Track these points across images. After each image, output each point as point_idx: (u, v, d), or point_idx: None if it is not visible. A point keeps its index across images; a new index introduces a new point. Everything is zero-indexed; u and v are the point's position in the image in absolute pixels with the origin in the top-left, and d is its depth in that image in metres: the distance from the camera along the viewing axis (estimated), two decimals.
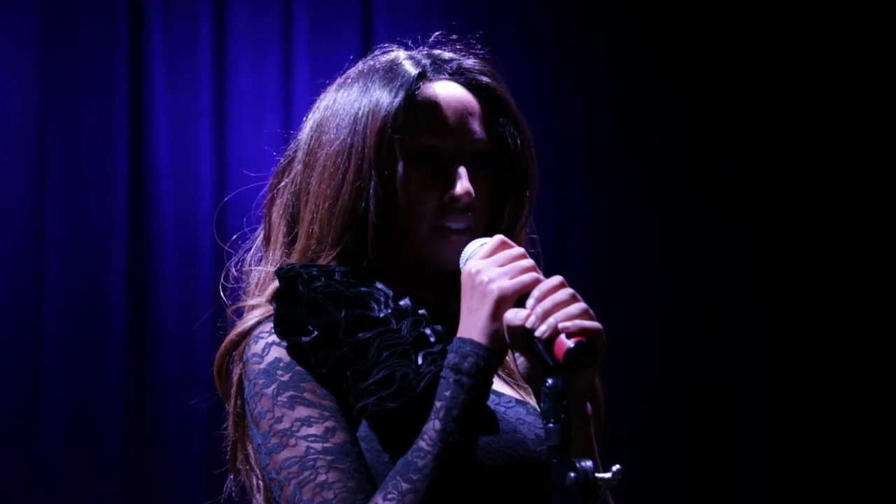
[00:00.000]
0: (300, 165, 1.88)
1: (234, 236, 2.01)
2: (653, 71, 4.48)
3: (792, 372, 4.44)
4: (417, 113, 1.84)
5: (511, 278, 1.68)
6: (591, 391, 1.76)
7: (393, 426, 1.69)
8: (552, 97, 4.40)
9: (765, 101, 4.49)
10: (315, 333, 1.72)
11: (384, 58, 1.91)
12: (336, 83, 1.92)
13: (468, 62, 1.91)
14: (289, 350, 1.74)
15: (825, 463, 4.39)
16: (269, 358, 1.74)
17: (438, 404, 1.65)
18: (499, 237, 1.74)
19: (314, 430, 1.69)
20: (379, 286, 1.79)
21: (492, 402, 1.75)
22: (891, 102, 4.48)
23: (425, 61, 1.89)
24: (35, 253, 3.91)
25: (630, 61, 4.47)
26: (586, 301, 1.66)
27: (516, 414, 1.81)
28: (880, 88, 4.49)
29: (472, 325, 1.68)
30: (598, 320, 1.65)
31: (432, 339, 1.73)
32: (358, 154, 1.82)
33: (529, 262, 1.71)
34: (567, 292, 1.65)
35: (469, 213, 1.83)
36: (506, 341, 1.68)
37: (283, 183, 1.91)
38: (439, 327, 1.75)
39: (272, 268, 1.85)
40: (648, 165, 4.47)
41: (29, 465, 3.85)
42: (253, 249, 1.96)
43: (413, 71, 1.86)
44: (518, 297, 1.67)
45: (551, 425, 1.59)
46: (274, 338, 1.75)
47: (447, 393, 1.65)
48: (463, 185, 1.82)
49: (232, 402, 1.83)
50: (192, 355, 3.87)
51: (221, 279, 1.97)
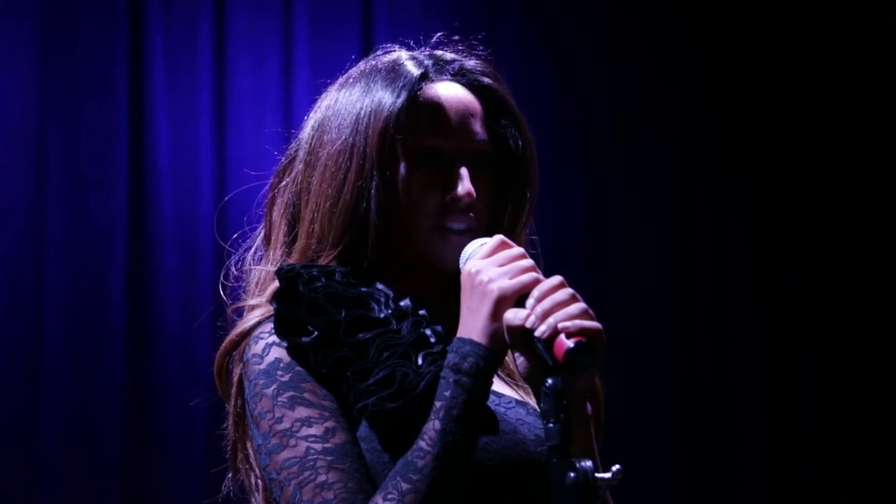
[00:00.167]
0: (301, 165, 1.88)
1: (235, 235, 2.01)
2: (653, 71, 4.48)
3: (792, 372, 4.44)
4: (419, 113, 1.84)
5: (511, 278, 1.68)
6: (591, 391, 1.76)
7: (393, 426, 1.69)
8: (552, 97, 4.40)
9: (765, 101, 4.48)
10: (315, 334, 1.72)
11: (386, 58, 1.91)
12: (338, 83, 1.91)
13: (470, 63, 1.91)
14: (289, 350, 1.73)
15: (825, 463, 4.39)
16: (270, 358, 1.74)
17: (438, 404, 1.65)
18: (499, 237, 1.74)
19: (314, 431, 1.69)
20: (379, 286, 1.79)
21: (492, 403, 1.75)
22: (891, 102, 4.48)
23: (427, 62, 1.89)
24: (35, 253, 3.91)
25: (630, 61, 4.47)
26: (586, 301, 1.66)
27: (516, 414, 1.81)
28: (880, 88, 4.48)
29: (472, 325, 1.68)
30: (598, 320, 1.65)
31: (432, 340, 1.73)
32: (360, 154, 1.82)
33: (529, 262, 1.71)
34: (567, 292, 1.65)
35: (470, 214, 1.83)
36: (506, 341, 1.68)
37: (284, 182, 1.91)
38: (439, 328, 1.75)
39: (272, 267, 1.85)
40: (648, 165, 4.46)
41: (29, 465, 3.85)
42: (253, 249, 1.95)
43: (415, 71, 1.86)
44: (518, 297, 1.67)
45: (551, 425, 1.59)
46: (274, 338, 1.75)
47: (447, 393, 1.65)
48: (464, 186, 1.82)
49: (232, 402, 1.83)
50: (192, 355, 3.87)
51: (221, 278, 1.96)
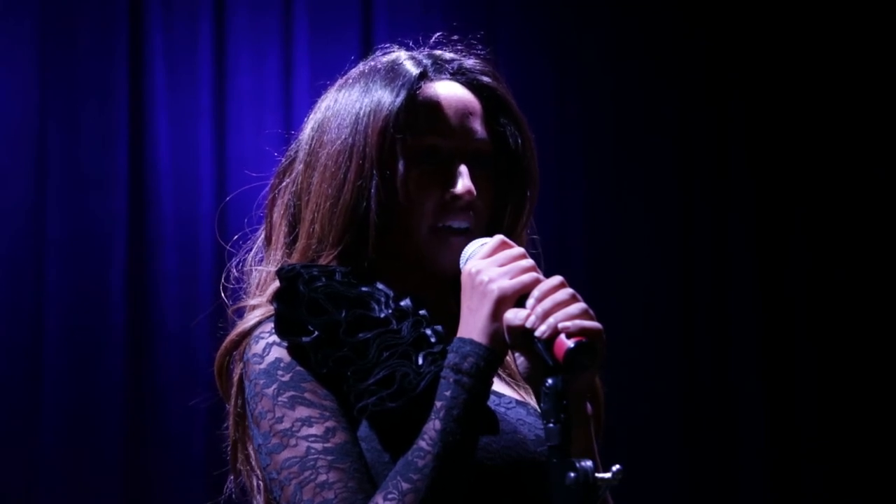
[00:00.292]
0: (301, 165, 1.88)
1: (235, 237, 2.01)
2: (653, 71, 4.48)
3: (792, 372, 4.44)
4: (419, 112, 1.84)
5: (511, 278, 1.68)
6: (591, 391, 1.76)
7: (393, 426, 1.69)
8: (552, 97, 4.40)
9: (765, 101, 4.48)
10: (315, 333, 1.72)
11: (385, 58, 1.91)
12: (337, 84, 1.92)
13: (469, 62, 1.91)
14: (289, 350, 1.73)
15: (825, 463, 4.39)
16: (270, 358, 1.74)
17: (439, 404, 1.65)
18: (499, 237, 1.74)
19: (315, 431, 1.69)
20: (380, 286, 1.79)
21: (492, 403, 1.75)
22: (891, 102, 4.48)
23: (426, 61, 1.89)
24: (35, 253, 3.91)
25: (630, 61, 4.47)
26: (586, 301, 1.66)
27: (516, 415, 1.81)
28: (880, 88, 4.48)
29: (472, 325, 1.68)
30: (598, 320, 1.65)
31: (433, 340, 1.73)
32: (359, 153, 1.82)
33: (529, 262, 1.71)
34: (567, 292, 1.65)
35: (470, 212, 1.83)
36: (506, 341, 1.68)
37: (285, 183, 1.91)
38: (440, 328, 1.75)
39: (273, 268, 1.85)
40: (648, 165, 4.46)
41: (29, 465, 3.85)
42: (254, 250, 1.96)
43: (414, 71, 1.86)
44: (518, 297, 1.67)
45: (551, 425, 1.59)
46: (274, 338, 1.75)
47: (447, 393, 1.65)
48: (464, 184, 1.82)
49: (232, 402, 1.83)
50: (192, 355, 3.87)
51: (222, 280, 1.97)
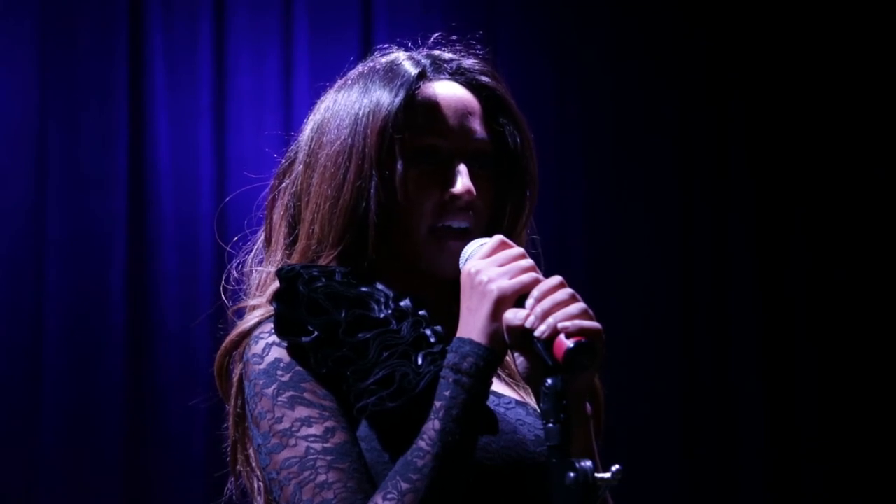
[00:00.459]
0: (301, 166, 1.88)
1: (236, 238, 2.01)
2: (653, 71, 4.48)
3: (792, 372, 4.44)
4: (418, 112, 1.84)
5: (511, 278, 1.68)
6: (591, 391, 1.76)
7: (393, 426, 1.69)
8: (552, 97, 4.40)
9: (765, 101, 4.48)
10: (315, 334, 1.72)
11: (384, 59, 1.91)
12: (336, 85, 1.92)
13: (468, 62, 1.91)
14: (289, 350, 1.73)
15: (825, 463, 4.39)
16: (270, 358, 1.74)
17: (438, 404, 1.65)
18: (498, 237, 1.74)
19: (314, 431, 1.69)
20: (379, 287, 1.79)
21: (491, 403, 1.75)
22: (891, 102, 4.48)
23: (425, 61, 1.89)
24: (35, 253, 3.91)
25: (630, 61, 4.47)
26: (586, 301, 1.66)
27: (516, 415, 1.81)
28: (880, 88, 4.48)
29: (472, 325, 1.68)
30: (598, 320, 1.65)
31: (432, 340, 1.73)
32: (359, 154, 1.82)
33: (529, 262, 1.71)
34: (566, 292, 1.65)
35: (469, 212, 1.83)
36: (505, 341, 1.67)
37: (284, 184, 1.91)
38: (439, 328, 1.75)
39: (273, 268, 1.85)
40: (648, 165, 4.46)
41: (29, 465, 3.85)
42: (254, 251, 1.96)
43: (413, 71, 1.86)
44: (518, 298, 1.67)
45: (551, 425, 1.59)
46: (274, 338, 1.75)
47: (447, 393, 1.65)
48: (463, 183, 1.82)
49: (232, 403, 1.83)
50: (192, 355, 3.87)
51: (223, 281, 1.97)
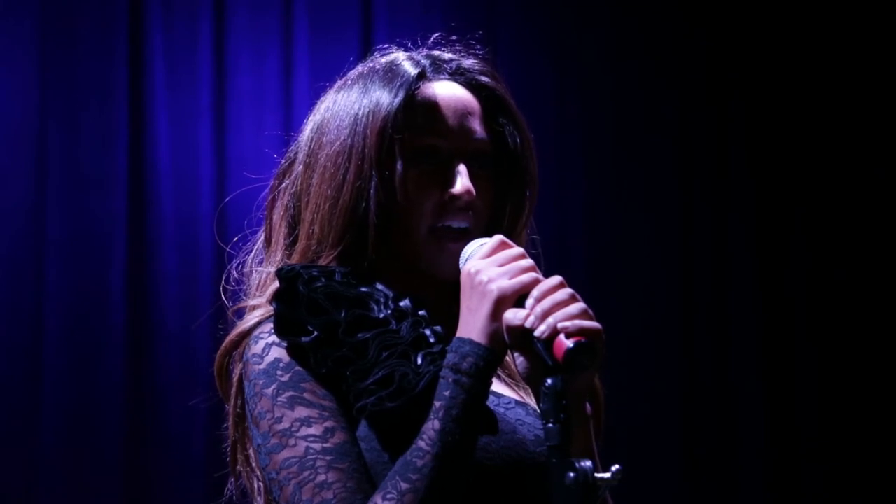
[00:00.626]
0: (301, 167, 1.88)
1: (236, 238, 2.01)
2: (653, 71, 4.48)
3: (792, 372, 4.44)
4: (417, 112, 1.84)
5: (510, 278, 1.68)
6: (591, 391, 1.76)
7: (392, 426, 1.69)
8: (552, 97, 4.40)
9: (765, 101, 4.48)
10: (315, 334, 1.72)
11: (383, 59, 1.91)
12: (336, 85, 1.92)
13: (468, 62, 1.91)
14: (289, 350, 1.73)
15: (825, 463, 4.39)
16: (269, 358, 1.74)
17: (437, 404, 1.65)
18: (498, 237, 1.74)
19: (314, 431, 1.69)
20: (379, 287, 1.79)
21: (491, 403, 1.75)
22: (891, 102, 4.48)
23: (425, 62, 1.89)
24: (35, 253, 3.91)
25: (630, 61, 4.47)
26: (586, 301, 1.66)
27: (516, 415, 1.80)
28: (880, 88, 4.48)
29: (472, 325, 1.68)
30: (598, 320, 1.65)
31: (432, 340, 1.73)
32: (358, 154, 1.82)
33: (529, 262, 1.71)
34: (566, 292, 1.65)
35: (469, 212, 1.83)
36: (505, 341, 1.67)
37: (284, 184, 1.91)
38: (439, 328, 1.75)
39: (273, 269, 1.85)
40: (648, 165, 4.46)
41: (29, 465, 3.85)
42: (254, 251, 1.96)
43: (413, 71, 1.86)
44: (518, 298, 1.67)
45: (551, 425, 1.59)
46: (274, 338, 1.75)
47: (446, 393, 1.65)
48: (463, 183, 1.82)
49: (232, 403, 1.83)
50: (192, 355, 3.87)
51: (223, 281, 1.97)
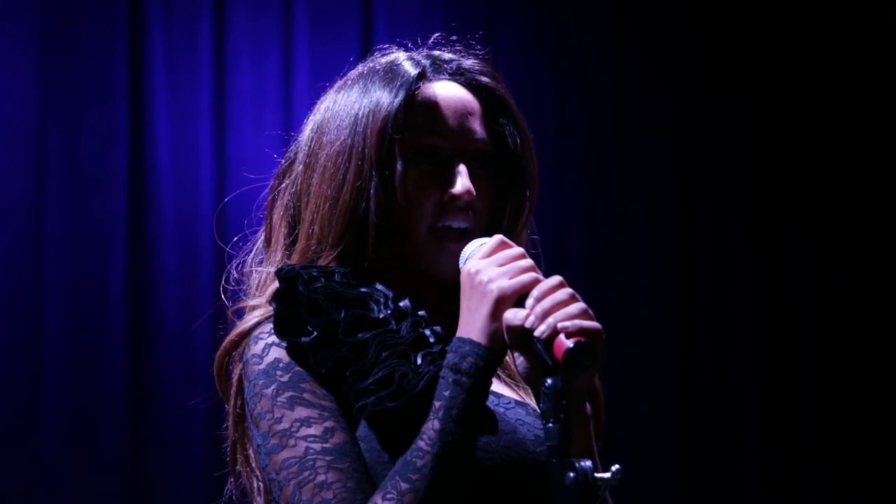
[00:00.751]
0: (301, 167, 1.88)
1: (235, 238, 2.01)
2: (653, 71, 4.48)
3: (792, 372, 4.44)
4: (417, 112, 1.84)
5: (510, 278, 1.68)
6: (591, 391, 1.76)
7: (392, 426, 1.69)
8: (552, 97, 4.40)
9: (765, 101, 4.48)
10: (315, 334, 1.72)
11: (384, 59, 1.91)
12: (336, 85, 1.92)
13: (468, 62, 1.91)
14: (288, 350, 1.73)
15: (825, 463, 4.39)
16: (269, 358, 1.74)
17: (437, 404, 1.65)
18: (498, 237, 1.74)
19: (313, 431, 1.69)
20: (379, 287, 1.79)
21: (491, 403, 1.75)
22: (891, 102, 4.48)
23: (425, 62, 1.89)
24: (35, 253, 3.91)
25: (630, 61, 4.47)
26: (586, 301, 1.66)
27: (515, 415, 1.80)
28: (880, 88, 4.48)
29: (472, 325, 1.68)
30: (598, 320, 1.65)
31: (431, 340, 1.73)
32: (358, 154, 1.82)
33: (529, 262, 1.71)
34: (566, 292, 1.65)
35: (469, 212, 1.83)
36: (505, 341, 1.67)
37: (284, 184, 1.91)
38: (438, 328, 1.75)
39: (273, 269, 1.85)
40: (648, 165, 4.46)
41: (29, 465, 3.85)
42: (254, 251, 1.96)
43: (413, 71, 1.86)
44: (517, 297, 1.67)
45: (551, 425, 1.59)
46: (274, 338, 1.75)
47: (446, 393, 1.65)
48: (463, 184, 1.82)
49: (232, 403, 1.83)
50: (192, 355, 3.87)
51: (223, 281, 1.97)
